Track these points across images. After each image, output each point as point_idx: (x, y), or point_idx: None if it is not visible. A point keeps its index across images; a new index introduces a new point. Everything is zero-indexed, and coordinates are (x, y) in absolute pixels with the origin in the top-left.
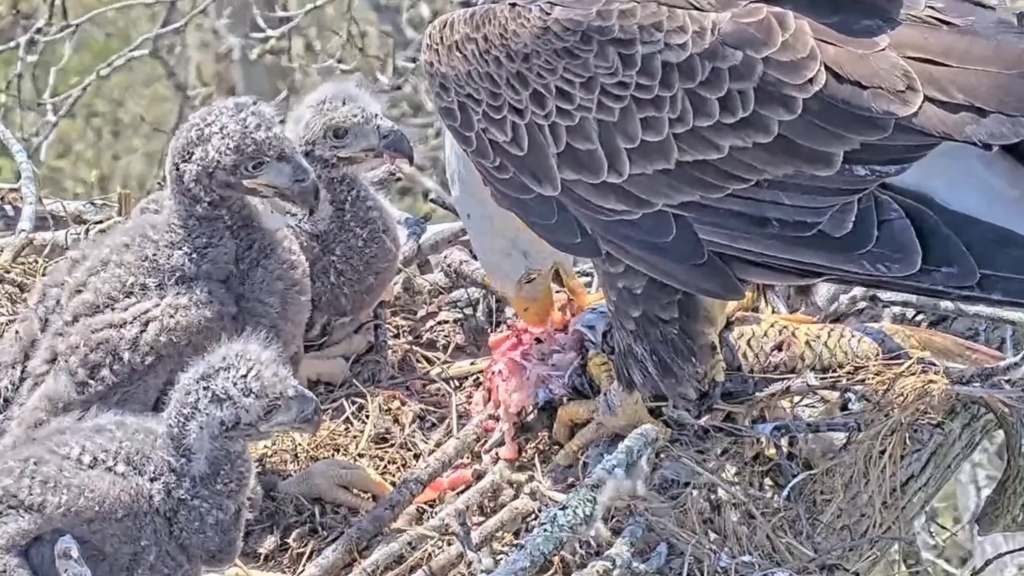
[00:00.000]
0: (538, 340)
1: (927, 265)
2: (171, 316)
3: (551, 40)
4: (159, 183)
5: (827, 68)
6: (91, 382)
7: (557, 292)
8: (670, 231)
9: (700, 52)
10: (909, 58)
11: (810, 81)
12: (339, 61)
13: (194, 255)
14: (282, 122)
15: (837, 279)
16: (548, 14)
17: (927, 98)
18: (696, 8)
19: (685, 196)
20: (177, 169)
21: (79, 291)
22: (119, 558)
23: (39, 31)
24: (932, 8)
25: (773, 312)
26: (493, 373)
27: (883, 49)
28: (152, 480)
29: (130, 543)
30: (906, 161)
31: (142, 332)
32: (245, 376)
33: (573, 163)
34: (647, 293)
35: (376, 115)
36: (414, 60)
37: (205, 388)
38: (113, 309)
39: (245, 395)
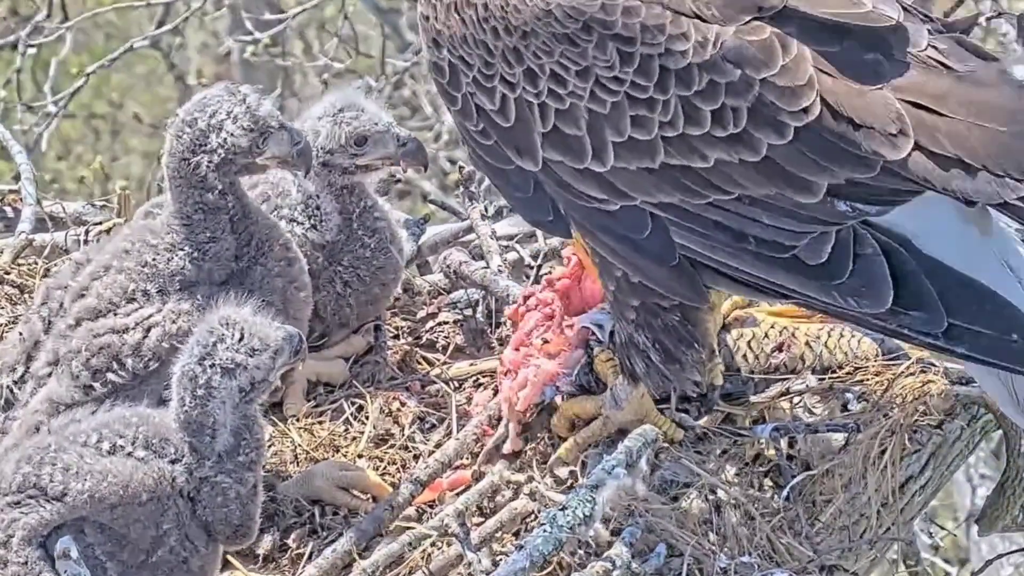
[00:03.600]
0: (545, 340)
1: (897, 306)
2: (173, 322)
3: (551, 23)
4: (159, 185)
5: (823, 100)
6: (94, 386)
7: None
8: (645, 228)
9: (700, 63)
10: (904, 101)
11: (804, 110)
12: (336, 61)
13: (195, 255)
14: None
15: (805, 305)
16: None
17: (917, 145)
18: (700, 18)
19: (665, 197)
20: (189, 164)
21: (82, 295)
22: (141, 542)
23: (37, 27)
24: (935, 48)
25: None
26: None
27: (880, 88)
28: (173, 462)
29: (153, 527)
30: (888, 204)
31: (144, 338)
32: (242, 339)
33: (557, 144)
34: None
35: (392, 123)
36: (415, 63)
37: (212, 366)
38: (116, 314)
39: (251, 355)
